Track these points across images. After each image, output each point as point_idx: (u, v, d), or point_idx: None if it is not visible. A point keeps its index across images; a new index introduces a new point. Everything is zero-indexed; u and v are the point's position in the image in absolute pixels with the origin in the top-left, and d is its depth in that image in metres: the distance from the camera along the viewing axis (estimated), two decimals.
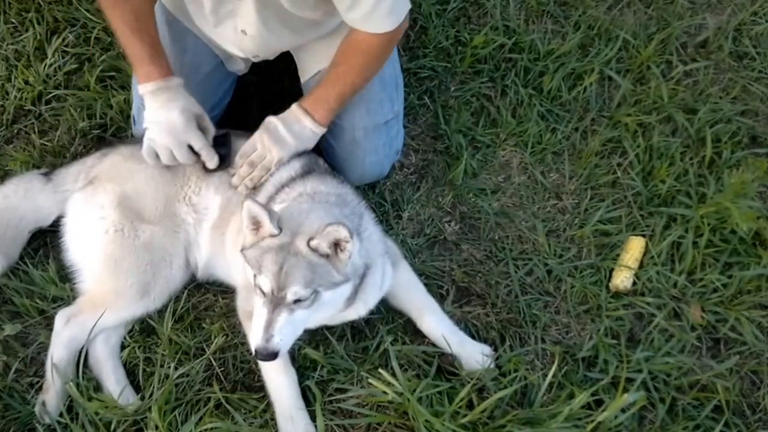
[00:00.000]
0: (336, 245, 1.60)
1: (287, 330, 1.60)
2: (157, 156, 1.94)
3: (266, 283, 1.59)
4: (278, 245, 1.59)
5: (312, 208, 1.71)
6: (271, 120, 1.98)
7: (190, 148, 1.92)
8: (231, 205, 1.99)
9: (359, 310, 1.87)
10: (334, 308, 1.76)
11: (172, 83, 1.90)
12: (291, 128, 1.96)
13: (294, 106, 1.99)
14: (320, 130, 1.99)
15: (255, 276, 1.62)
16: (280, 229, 1.60)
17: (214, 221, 2.01)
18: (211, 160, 1.94)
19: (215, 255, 2.03)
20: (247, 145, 1.98)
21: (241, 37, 1.95)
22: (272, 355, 1.59)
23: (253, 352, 1.61)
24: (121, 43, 1.91)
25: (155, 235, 1.94)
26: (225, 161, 1.97)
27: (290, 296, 1.58)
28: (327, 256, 1.60)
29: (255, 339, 1.60)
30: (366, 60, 1.92)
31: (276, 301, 1.58)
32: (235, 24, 1.92)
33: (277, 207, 1.75)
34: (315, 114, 1.97)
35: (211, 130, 1.96)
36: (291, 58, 2.24)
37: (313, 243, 1.58)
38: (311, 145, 2.02)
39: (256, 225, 1.64)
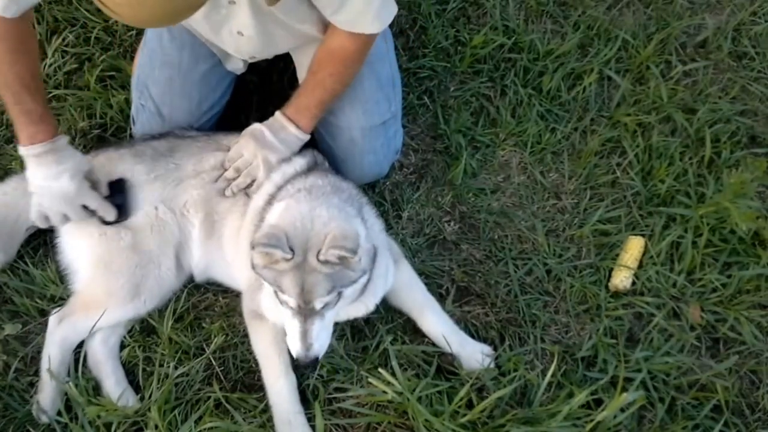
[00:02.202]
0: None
1: (323, 335, 1.68)
2: (47, 218, 1.89)
3: (291, 300, 1.63)
4: (293, 266, 1.60)
5: (313, 211, 1.68)
6: (257, 127, 1.99)
7: (85, 206, 1.89)
8: (216, 211, 2.00)
9: (368, 304, 1.88)
10: (353, 299, 1.77)
11: (58, 143, 1.82)
12: (277, 135, 1.97)
13: (278, 114, 2.00)
14: (305, 137, 2.00)
15: (276, 292, 1.66)
16: (292, 251, 1.60)
17: (200, 227, 2.00)
18: (110, 215, 1.91)
19: (211, 261, 2.04)
20: (233, 151, 1.99)
21: (237, 38, 1.95)
22: (314, 362, 1.68)
23: (296, 360, 1.69)
24: (7, 101, 1.79)
25: (140, 237, 1.94)
26: (123, 210, 1.93)
27: (318, 305, 1.64)
28: (339, 262, 1.62)
29: (295, 349, 1.67)
30: (343, 67, 1.94)
31: (305, 312, 1.64)
32: (230, 27, 1.92)
33: (276, 210, 1.75)
34: (299, 122, 1.98)
35: (102, 182, 1.92)
36: (290, 57, 2.25)
37: (322, 257, 1.59)
38: (296, 151, 2.02)
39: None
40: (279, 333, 1.88)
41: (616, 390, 1.84)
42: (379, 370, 1.81)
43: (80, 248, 1.96)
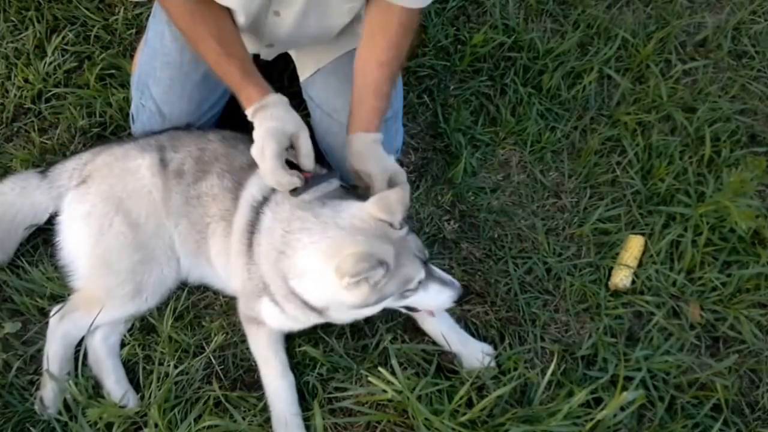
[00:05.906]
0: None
1: None
2: None
3: (420, 273, 1.70)
4: (397, 249, 1.65)
5: (337, 215, 1.72)
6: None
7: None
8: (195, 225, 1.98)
9: None
10: None
11: (266, 102, 1.80)
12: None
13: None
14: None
15: (406, 291, 1.71)
16: (386, 263, 1.59)
17: (182, 238, 1.99)
18: (291, 181, 1.77)
19: (204, 274, 2.04)
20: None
21: (272, 19, 1.92)
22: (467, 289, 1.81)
23: (458, 299, 1.78)
24: (215, 71, 1.85)
25: (145, 235, 1.94)
26: (298, 190, 1.78)
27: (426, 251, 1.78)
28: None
29: (448, 294, 1.76)
30: (409, 38, 1.93)
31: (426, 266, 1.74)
32: (269, 6, 1.89)
33: (312, 248, 1.69)
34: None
35: (303, 149, 1.80)
36: (290, 57, 2.24)
37: (400, 223, 1.68)
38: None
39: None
40: (276, 335, 1.88)
41: (616, 389, 1.84)
42: (379, 368, 1.81)
43: (82, 244, 1.95)
